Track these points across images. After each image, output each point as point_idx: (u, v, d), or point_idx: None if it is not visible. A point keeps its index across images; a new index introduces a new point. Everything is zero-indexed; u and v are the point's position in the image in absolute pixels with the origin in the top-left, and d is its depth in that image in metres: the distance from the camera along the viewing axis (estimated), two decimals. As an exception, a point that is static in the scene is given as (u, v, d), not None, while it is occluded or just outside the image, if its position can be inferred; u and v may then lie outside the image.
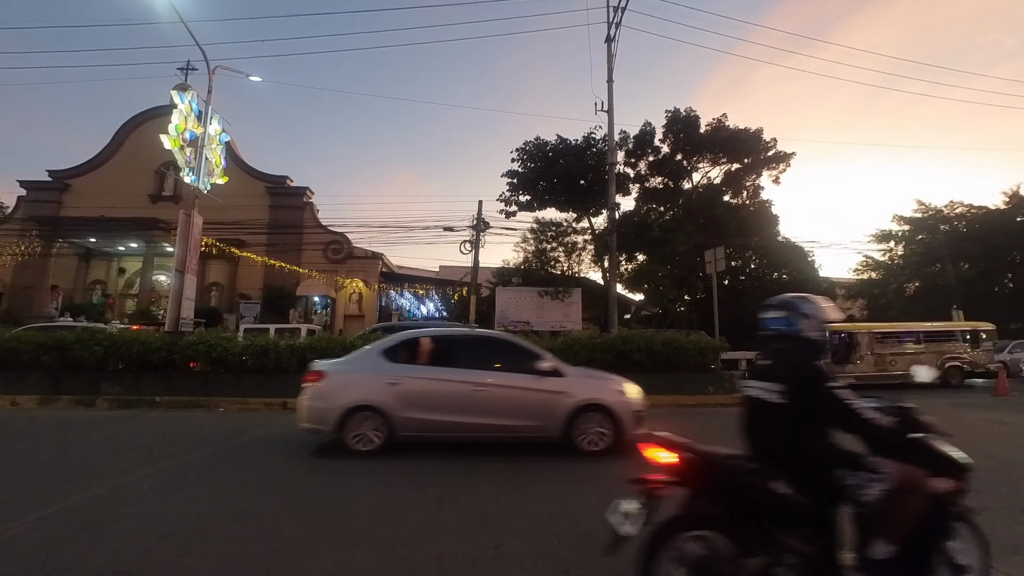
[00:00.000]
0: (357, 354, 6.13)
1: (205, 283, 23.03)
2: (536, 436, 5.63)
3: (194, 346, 9.70)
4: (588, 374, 6.27)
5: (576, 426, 5.56)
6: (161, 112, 22.41)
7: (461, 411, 5.48)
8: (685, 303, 24.61)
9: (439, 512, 3.74)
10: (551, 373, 5.73)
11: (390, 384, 5.46)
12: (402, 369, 5.62)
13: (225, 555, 2.95)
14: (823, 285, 25.29)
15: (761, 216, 23.95)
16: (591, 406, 5.61)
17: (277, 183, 25.03)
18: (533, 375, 5.68)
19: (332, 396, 5.49)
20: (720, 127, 22.52)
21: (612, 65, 14.48)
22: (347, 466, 5.01)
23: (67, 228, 22.33)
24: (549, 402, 5.57)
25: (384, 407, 5.39)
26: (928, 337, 14.16)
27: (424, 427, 5.46)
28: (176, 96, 11.11)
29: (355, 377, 5.65)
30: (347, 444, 5.40)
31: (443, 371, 5.63)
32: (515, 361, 5.83)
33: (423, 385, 5.54)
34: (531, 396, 5.60)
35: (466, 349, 5.99)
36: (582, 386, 5.77)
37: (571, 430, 5.54)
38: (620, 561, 2.27)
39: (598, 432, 5.58)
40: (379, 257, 24.89)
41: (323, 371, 5.69)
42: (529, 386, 5.62)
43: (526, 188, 21.93)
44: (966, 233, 26.07)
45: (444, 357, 5.77)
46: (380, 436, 5.42)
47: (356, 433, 5.42)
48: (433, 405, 5.47)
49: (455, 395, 5.50)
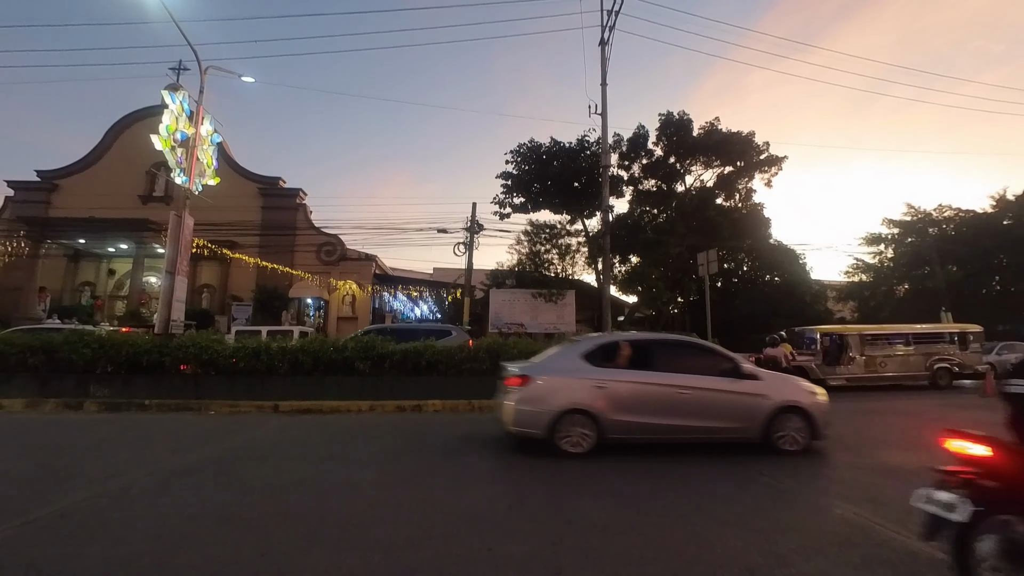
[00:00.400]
0: (554, 357, 6.20)
1: (196, 285, 22.83)
2: (736, 438, 5.76)
3: (184, 348, 9.60)
4: (781, 377, 6.40)
5: (775, 427, 5.73)
6: (152, 112, 22.26)
7: (666, 414, 5.60)
8: (678, 305, 24.73)
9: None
10: (748, 376, 5.88)
11: (597, 387, 5.58)
12: (606, 372, 5.72)
13: (213, 559, 2.92)
14: (814, 287, 25.54)
15: (753, 219, 24.16)
16: (788, 408, 5.79)
17: (270, 184, 24.87)
18: (730, 378, 5.83)
19: (542, 400, 5.55)
20: (713, 130, 22.69)
21: (606, 68, 14.54)
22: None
23: (56, 229, 22.04)
24: (749, 404, 5.73)
25: (594, 410, 5.50)
26: (917, 339, 14.31)
27: (632, 429, 5.58)
28: (167, 96, 11.01)
29: (563, 381, 5.71)
30: (558, 447, 5.47)
31: (646, 375, 5.74)
32: (709, 365, 5.98)
33: (629, 388, 5.65)
34: (732, 399, 5.73)
35: (663, 353, 6.08)
36: (778, 388, 5.93)
37: (770, 431, 5.72)
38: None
39: (795, 433, 5.76)
40: (372, 259, 24.79)
41: (530, 375, 5.73)
42: (729, 389, 5.76)
43: (520, 190, 21.96)
44: (954, 236, 26.42)
45: (643, 361, 5.88)
46: (589, 439, 5.52)
47: (566, 436, 5.50)
48: (640, 408, 5.59)
49: (659, 398, 5.62)
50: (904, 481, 4.49)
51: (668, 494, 4.25)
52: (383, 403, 9.13)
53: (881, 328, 15.03)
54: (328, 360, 9.69)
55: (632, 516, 3.67)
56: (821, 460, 5.54)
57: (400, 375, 9.75)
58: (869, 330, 14.71)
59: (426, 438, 6.55)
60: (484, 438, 6.54)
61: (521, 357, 10.03)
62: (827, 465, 5.34)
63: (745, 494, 4.24)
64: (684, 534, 3.33)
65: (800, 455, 5.66)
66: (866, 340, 14.02)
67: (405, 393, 9.40)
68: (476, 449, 5.94)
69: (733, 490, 4.36)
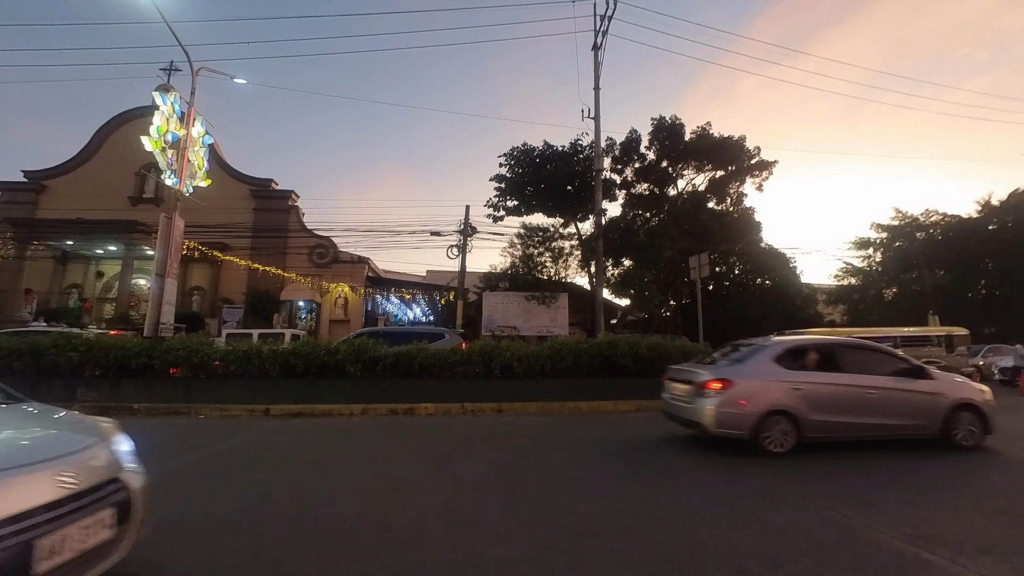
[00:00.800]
0: (746, 360, 6.28)
1: (187, 287, 22.62)
2: (918, 434, 6.10)
3: (174, 351, 9.51)
4: (950, 377, 6.65)
5: (951, 424, 6.09)
6: (142, 113, 22.03)
7: (857, 413, 5.92)
8: (671, 308, 24.85)
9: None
10: (925, 376, 6.23)
11: (794, 389, 5.85)
12: (799, 375, 5.99)
13: (204, 565, 2.90)
14: (805, 291, 25.79)
15: (744, 223, 24.35)
16: (963, 405, 6.16)
17: (262, 186, 24.72)
18: (908, 378, 6.17)
19: (746, 402, 5.77)
20: (704, 135, 22.88)
21: (599, 73, 14.66)
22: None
23: (43, 230, 21.75)
24: (928, 403, 6.09)
25: (794, 411, 5.78)
26: (905, 341, 14.49)
27: (827, 429, 5.86)
28: (158, 97, 10.92)
29: (763, 384, 5.92)
30: (762, 447, 5.70)
31: (835, 376, 6.04)
32: (888, 365, 6.29)
33: (823, 389, 5.92)
34: (913, 397, 6.08)
35: (845, 355, 6.32)
36: (952, 387, 6.28)
37: (947, 428, 6.08)
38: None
39: (969, 429, 6.13)
40: (365, 261, 24.69)
41: (732, 379, 5.90)
42: (910, 388, 6.10)
43: (514, 193, 21.99)
44: (941, 240, 26.77)
45: (828, 363, 6.15)
46: (790, 439, 5.77)
47: (768, 436, 5.72)
48: (834, 408, 5.87)
49: (850, 398, 5.93)
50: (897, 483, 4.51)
51: (661, 496, 4.27)
52: (375, 406, 9.10)
53: (870, 331, 15.21)
54: (320, 363, 9.63)
55: (625, 518, 3.69)
56: (818, 461, 5.58)
57: (392, 378, 9.72)
58: (858, 333, 14.87)
59: (417, 438, 6.52)
60: (476, 440, 6.54)
61: (519, 360, 10.04)
62: (818, 465, 5.39)
63: (737, 496, 4.27)
64: (677, 536, 3.35)
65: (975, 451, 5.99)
66: (855, 343, 14.16)
67: (397, 396, 9.37)
68: (462, 455, 5.93)
69: (725, 492, 4.39)
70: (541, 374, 10.09)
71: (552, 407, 9.52)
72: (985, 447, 6.17)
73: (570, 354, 10.26)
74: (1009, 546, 3.21)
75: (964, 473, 5.14)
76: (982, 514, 3.82)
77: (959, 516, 3.78)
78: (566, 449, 6.17)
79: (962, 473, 5.13)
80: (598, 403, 9.73)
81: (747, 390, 5.83)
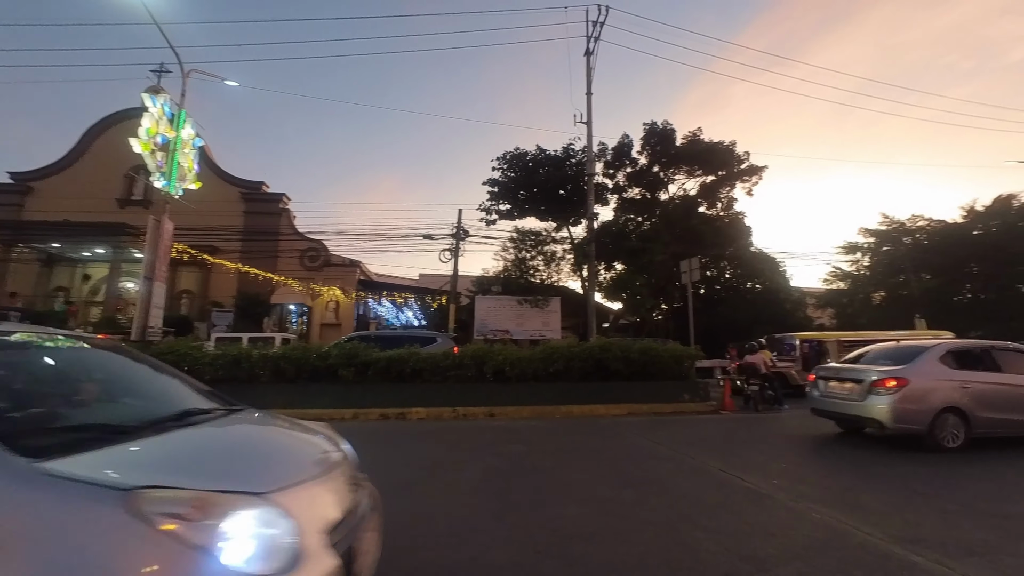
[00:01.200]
0: (915, 360, 6.52)
1: (175, 290, 22.34)
2: None
3: (162, 356, 9.36)
4: None
5: None
6: (132, 115, 21.76)
7: (1017, 410, 6.35)
8: (662, 312, 24.98)
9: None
10: None
11: (963, 387, 6.25)
12: (965, 374, 6.39)
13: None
14: (794, 295, 26.04)
15: (735, 227, 24.58)
16: None
17: (252, 189, 24.54)
18: None
19: (922, 399, 6.17)
20: (696, 140, 23.11)
21: (591, 78, 14.77)
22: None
23: (28, 232, 21.41)
24: None
25: (964, 408, 6.17)
26: (893, 345, 14.66)
27: (993, 425, 6.28)
28: (148, 99, 10.84)
29: (935, 382, 6.29)
30: (937, 442, 6.07)
31: (998, 376, 6.48)
32: None
33: (989, 388, 6.34)
34: None
35: (1002, 357, 6.71)
36: None
37: None
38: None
39: None
40: (357, 265, 24.57)
41: (908, 378, 6.24)
42: None
43: (506, 197, 22.05)
44: (928, 245, 27.17)
45: (987, 363, 6.58)
46: (960, 434, 6.13)
47: (941, 431, 6.10)
48: (999, 405, 6.31)
49: (1013, 397, 6.38)
50: (893, 483, 4.56)
51: (653, 500, 4.28)
52: (367, 411, 9.05)
53: (858, 335, 15.37)
54: (311, 367, 9.57)
55: (618, 523, 3.69)
56: (814, 463, 5.64)
57: (384, 382, 9.67)
58: (847, 336, 15.04)
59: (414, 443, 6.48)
60: (468, 445, 6.52)
61: (512, 364, 10.02)
62: (810, 470, 5.45)
63: (728, 500, 4.29)
64: (669, 540, 3.35)
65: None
66: (844, 346, 14.31)
67: (389, 401, 9.33)
68: (455, 459, 5.91)
69: (715, 496, 4.41)
70: (533, 378, 10.08)
71: (544, 411, 9.52)
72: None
73: (562, 358, 10.27)
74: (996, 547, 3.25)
75: (950, 473, 5.21)
76: (972, 516, 3.88)
77: (946, 518, 3.83)
78: (558, 454, 6.18)
79: (948, 473, 5.20)
80: (590, 407, 9.75)
81: (923, 388, 6.19)
